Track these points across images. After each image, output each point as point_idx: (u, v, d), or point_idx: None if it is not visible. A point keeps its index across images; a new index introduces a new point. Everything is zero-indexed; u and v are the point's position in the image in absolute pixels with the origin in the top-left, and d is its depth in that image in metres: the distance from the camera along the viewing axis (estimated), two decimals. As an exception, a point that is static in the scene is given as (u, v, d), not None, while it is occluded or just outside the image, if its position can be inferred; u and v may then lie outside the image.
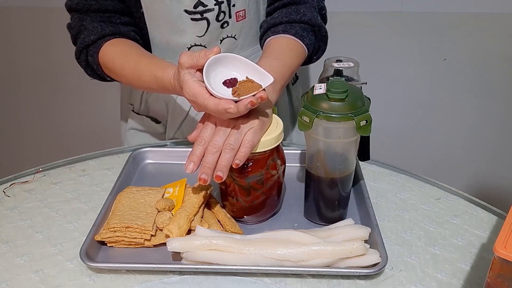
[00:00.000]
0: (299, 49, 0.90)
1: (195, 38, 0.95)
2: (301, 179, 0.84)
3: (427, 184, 0.88)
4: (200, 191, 0.76)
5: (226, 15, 0.93)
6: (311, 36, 0.92)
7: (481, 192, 1.71)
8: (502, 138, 1.65)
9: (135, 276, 0.67)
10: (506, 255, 0.53)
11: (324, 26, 0.96)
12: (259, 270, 0.66)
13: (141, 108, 1.09)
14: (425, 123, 1.67)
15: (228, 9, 0.93)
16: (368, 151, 0.81)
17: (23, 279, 0.67)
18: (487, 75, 1.56)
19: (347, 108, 0.66)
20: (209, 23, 0.93)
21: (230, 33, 0.97)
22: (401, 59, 1.56)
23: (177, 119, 1.06)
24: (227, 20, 0.94)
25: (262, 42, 0.95)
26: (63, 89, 1.76)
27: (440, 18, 1.49)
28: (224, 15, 0.93)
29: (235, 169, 0.69)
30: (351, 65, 0.78)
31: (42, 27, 1.64)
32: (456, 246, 0.73)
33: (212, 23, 0.93)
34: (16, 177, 0.88)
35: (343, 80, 0.69)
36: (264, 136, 0.70)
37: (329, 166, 0.72)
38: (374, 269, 0.65)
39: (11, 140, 1.91)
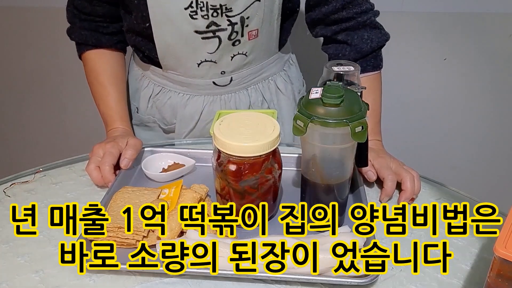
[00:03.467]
0: (378, 79, 0.99)
1: (206, 55, 0.95)
2: (298, 184, 0.83)
3: (427, 184, 0.88)
4: (194, 193, 0.76)
5: (239, 34, 0.93)
6: (381, 56, 0.99)
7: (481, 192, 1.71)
8: (502, 138, 1.65)
9: (135, 276, 0.67)
10: (506, 255, 0.53)
11: (384, 32, 0.99)
12: (249, 276, 0.65)
13: (147, 111, 1.08)
14: (425, 123, 1.67)
15: (241, 29, 0.92)
16: (366, 158, 0.80)
17: (23, 279, 0.67)
18: (487, 75, 1.56)
19: (342, 113, 0.65)
20: (221, 41, 0.93)
21: (242, 50, 0.96)
22: (401, 59, 1.56)
23: (185, 127, 1.06)
24: (239, 38, 0.94)
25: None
26: (64, 89, 1.76)
27: (440, 18, 1.49)
28: (236, 34, 0.93)
29: (230, 172, 0.70)
30: (352, 69, 0.77)
31: (42, 27, 1.64)
32: (456, 246, 0.73)
33: (223, 41, 0.93)
34: (16, 177, 0.88)
35: (339, 85, 0.67)
36: (259, 140, 0.69)
37: (324, 172, 0.71)
38: (367, 278, 0.64)
39: (11, 140, 1.91)
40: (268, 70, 1.05)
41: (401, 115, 1.65)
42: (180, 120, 1.05)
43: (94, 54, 1.01)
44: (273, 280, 0.66)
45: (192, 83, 1.00)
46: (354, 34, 0.96)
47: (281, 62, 1.08)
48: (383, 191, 0.82)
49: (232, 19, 0.90)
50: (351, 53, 0.97)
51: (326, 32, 0.99)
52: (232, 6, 0.89)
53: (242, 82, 1.02)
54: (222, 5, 0.88)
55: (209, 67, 0.97)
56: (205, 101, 1.03)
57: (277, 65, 1.07)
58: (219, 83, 1.00)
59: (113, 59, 1.03)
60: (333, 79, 0.77)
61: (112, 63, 1.02)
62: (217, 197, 0.77)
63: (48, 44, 1.66)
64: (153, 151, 0.93)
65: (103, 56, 1.02)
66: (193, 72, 0.98)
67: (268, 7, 0.92)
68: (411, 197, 0.82)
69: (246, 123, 0.73)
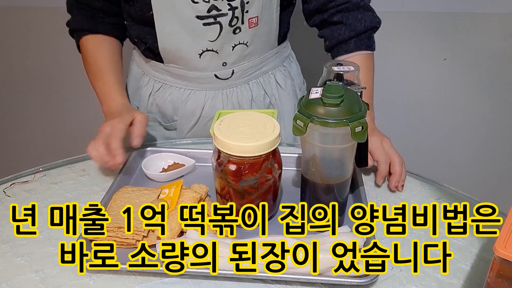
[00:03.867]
0: (371, 59, 1.01)
1: (207, 43, 0.95)
2: (298, 184, 0.83)
3: (427, 184, 0.88)
4: (194, 193, 0.76)
5: (239, 20, 0.94)
6: (373, 38, 1.02)
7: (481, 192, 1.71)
8: (502, 138, 1.65)
9: (135, 276, 0.67)
10: (506, 255, 0.53)
11: (376, 15, 1.02)
12: (249, 276, 0.65)
13: (147, 108, 1.08)
14: (425, 123, 1.66)
15: (241, 15, 0.93)
16: (366, 157, 0.80)
17: (23, 279, 0.67)
18: (487, 75, 1.56)
19: (342, 113, 0.65)
20: (222, 28, 0.93)
21: (242, 40, 0.97)
22: (401, 59, 1.56)
23: (187, 123, 1.06)
24: (240, 26, 0.94)
25: (332, 55, 1.04)
26: (64, 89, 1.76)
27: (440, 18, 1.49)
28: (237, 20, 0.93)
29: (230, 172, 0.70)
30: (352, 69, 0.77)
31: (42, 27, 1.64)
32: (456, 246, 0.73)
33: (224, 28, 0.93)
34: (16, 177, 0.88)
35: (339, 85, 0.67)
36: (259, 140, 0.69)
37: (324, 172, 0.71)
38: (367, 278, 0.64)
39: (11, 140, 1.91)
40: (268, 64, 1.05)
41: (401, 115, 1.65)
42: (182, 116, 1.05)
43: (91, 39, 1.00)
44: (273, 280, 0.66)
45: (193, 77, 1.00)
46: (349, 14, 1.00)
47: (281, 57, 1.09)
48: (378, 173, 0.86)
49: (233, 3, 0.91)
50: (346, 32, 1.00)
51: (322, 16, 1.03)
52: None
53: (244, 75, 1.03)
54: None
55: (211, 57, 0.97)
56: (206, 96, 1.03)
57: (276, 60, 1.08)
58: (220, 76, 1.00)
59: (110, 45, 1.02)
60: (333, 79, 0.77)
61: (109, 47, 1.02)
62: (217, 197, 0.77)
63: (48, 44, 1.66)
64: (153, 151, 0.93)
65: (100, 41, 1.01)
66: (195, 64, 0.98)
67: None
68: (399, 179, 0.84)
69: (246, 123, 0.73)
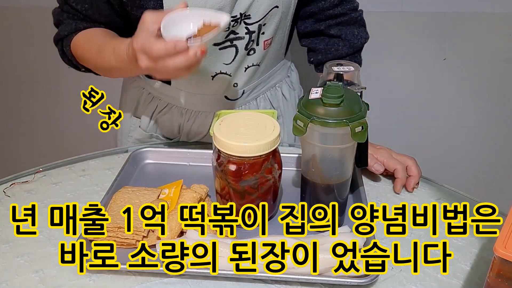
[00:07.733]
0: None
1: (222, 66, 0.93)
2: (298, 184, 0.83)
3: (427, 184, 0.88)
4: (194, 193, 0.76)
5: (254, 42, 0.92)
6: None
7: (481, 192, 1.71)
8: (502, 138, 1.65)
9: (135, 276, 0.67)
10: (506, 255, 0.53)
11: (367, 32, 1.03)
12: (249, 276, 0.65)
13: (149, 125, 1.04)
14: (425, 123, 1.66)
15: (257, 37, 0.92)
16: (366, 157, 0.80)
17: (23, 279, 0.67)
18: (487, 75, 1.56)
19: (342, 113, 0.65)
20: (237, 51, 0.91)
21: (256, 62, 0.95)
22: (401, 59, 1.56)
23: (191, 139, 1.04)
24: (254, 47, 0.93)
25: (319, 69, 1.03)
26: (64, 89, 1.76)
27: (440, 18, 1.49)
28: (252, 43, 0.92)
29: (230, 172, 0.70)
30: (351, 69, 0.77)
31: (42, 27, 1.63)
32: (456, 246, 0.73)
33: (240, 51, 0.91)
34: (16, 177, 0.88)
35: (339, 85, 0.67)
36: (259, 140, 0.69)
37: (324, 172, 0.71)
38: (367, 278, 0.64)
39: (11, 140, 1.91)
40: (275, 77, 1.04)
41: (401, 115, 1.65)
42: (187, 134, 1.03)
43: (82, 32, 0.90)
44: (273, 280, 0.66)
45: (202, 99, 0.98)
46: (346, 29, 0.98)
47: (285, 68, 1.08)
48: (398, 181, 0.85)
49: (250, 27, 0.89)
50: (344, 48, 0.98)
51: (318, 26, 0.99)
52: (251, 13, 0.87)
53: (253, 93, 1.01)
54: (242, 13, 0.86)
55: (223, 80, 0.95)
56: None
57: (283, 72, 1.07)
58: (231, 97, 0.98)
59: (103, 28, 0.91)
60: (333, 79, 0.77)
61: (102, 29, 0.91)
62: (217, 197, 0.77)
63: (48, 44, 1.65)
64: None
65: (93, 29, 0.91)
66: (206, 86, 0.96)
67: (284, 13, 0.92)
68: (418, 180, 0.86)
69: (246, 123, 0.73)
